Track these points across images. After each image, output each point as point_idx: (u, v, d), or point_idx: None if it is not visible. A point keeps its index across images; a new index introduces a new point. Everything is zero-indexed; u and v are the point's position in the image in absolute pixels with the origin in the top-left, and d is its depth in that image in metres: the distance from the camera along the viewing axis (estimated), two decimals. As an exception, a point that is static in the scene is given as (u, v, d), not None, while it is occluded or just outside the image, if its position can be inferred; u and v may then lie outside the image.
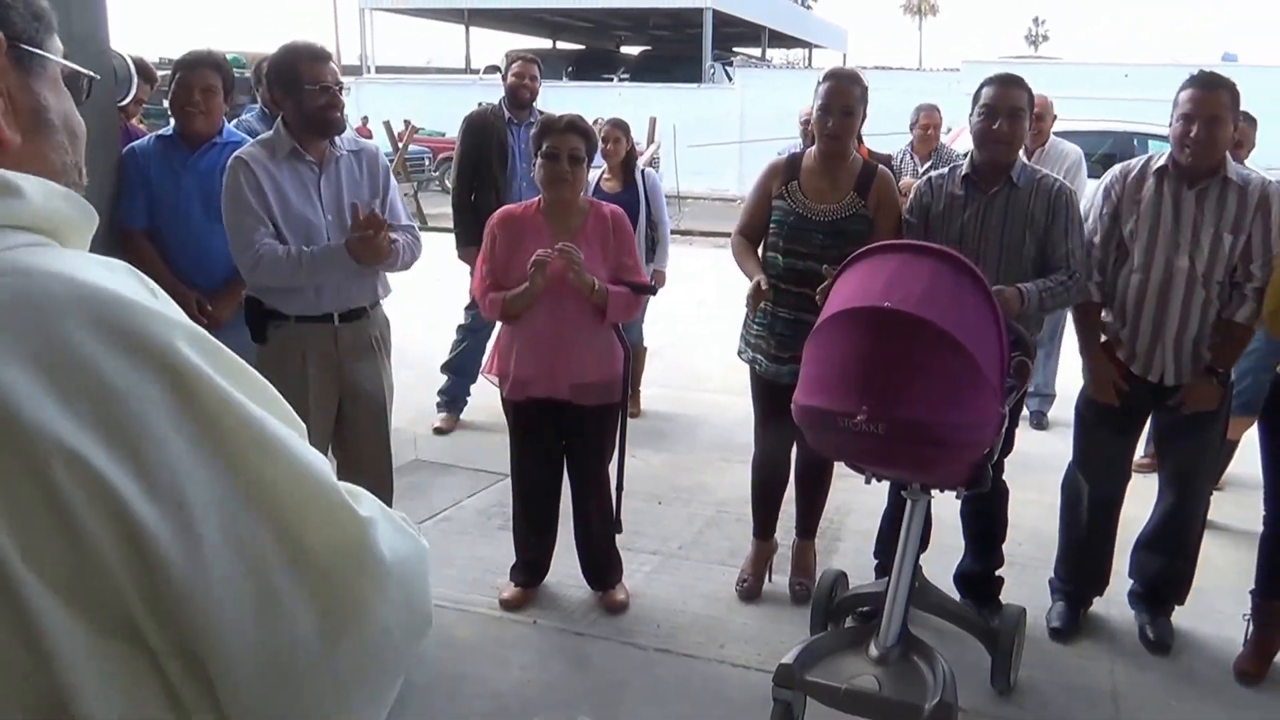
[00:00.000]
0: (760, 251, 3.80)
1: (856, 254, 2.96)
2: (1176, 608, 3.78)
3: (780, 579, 4.09)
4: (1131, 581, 3.86)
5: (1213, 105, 3.29)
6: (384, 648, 0.82)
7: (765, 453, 4.01)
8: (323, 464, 0.82)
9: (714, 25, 30.53)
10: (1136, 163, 3.59)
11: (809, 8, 55.53)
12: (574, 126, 3.48)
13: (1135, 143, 9.78)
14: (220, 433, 0.76)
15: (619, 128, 5.80)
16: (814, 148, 3.74)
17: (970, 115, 3.53)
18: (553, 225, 3.56)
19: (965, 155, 3.75)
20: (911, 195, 3.71)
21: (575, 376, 3.56)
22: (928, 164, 6.28)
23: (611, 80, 29.40)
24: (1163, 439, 3.82)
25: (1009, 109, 3.43)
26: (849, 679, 2.97)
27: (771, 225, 3.72)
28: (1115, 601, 3.89)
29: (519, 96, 5.68)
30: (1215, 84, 3.32)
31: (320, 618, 0.77)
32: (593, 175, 6.17)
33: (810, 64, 43.25)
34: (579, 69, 33.39)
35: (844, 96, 3.56)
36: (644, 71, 32.39)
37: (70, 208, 0.86)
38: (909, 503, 3.12)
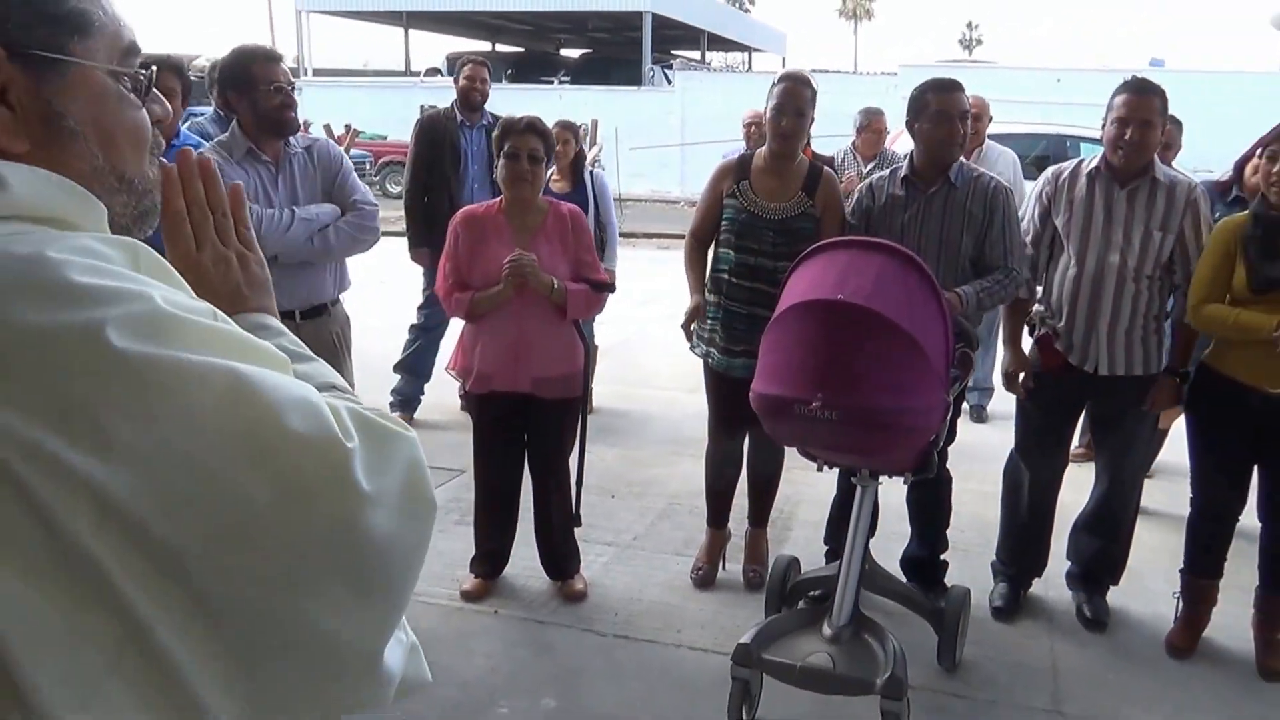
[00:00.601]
0: (713, 249, 3.92)
1: (810, 250, 3.09)
2: (1111, 587, 3.96)
3: (734, 567, 4.21)
4: (1069, 563, 4.04)
5: (1145, 110, 3.47)
6: (379, 556, 0.84)
7: (719, 444, 4.13)
8: (304, 399, 0.83)
9: (653, 28, 30.66)
10: (1068, 166, 3.77)
11: (747, 11, 55.96)
12: (533, 128, 3.58)
13: (1068, 145, 10.08)
14: (179, 398, 0.76)
15: (568, 129, 5.88)
16: (764, 148, 3.87)
17: (917, 120, 3.67)
18: (514, 224, 3.65)
19: (906, 156, 3.91)
20: (853, 198, 3.85)
21: (537, 371, 3.66)
22: (871, 165, 6.44)
23: (552, 83, 29.41)
24: (1099, 427, 4.00)
25: (962, 112, 3.60)
26: (804, 657, 3.09)
27: (724, 223, 3.84)
28: (1053, 582, 4.06)
29: (470, 99, 5.76)
30: (1147, 90, 3.50)
31: (309, 542, 0.80)
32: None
33: (750, 67, 43.57)
34: (519, 71, 33.34)
35: (797, 98, 3.69)
36: (584, 74, 32.40)
37: (68, 197, 0.87)
38: (859, 489, 3.25)
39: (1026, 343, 3.87)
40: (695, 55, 38.62)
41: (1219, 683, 3.52)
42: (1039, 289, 3.85)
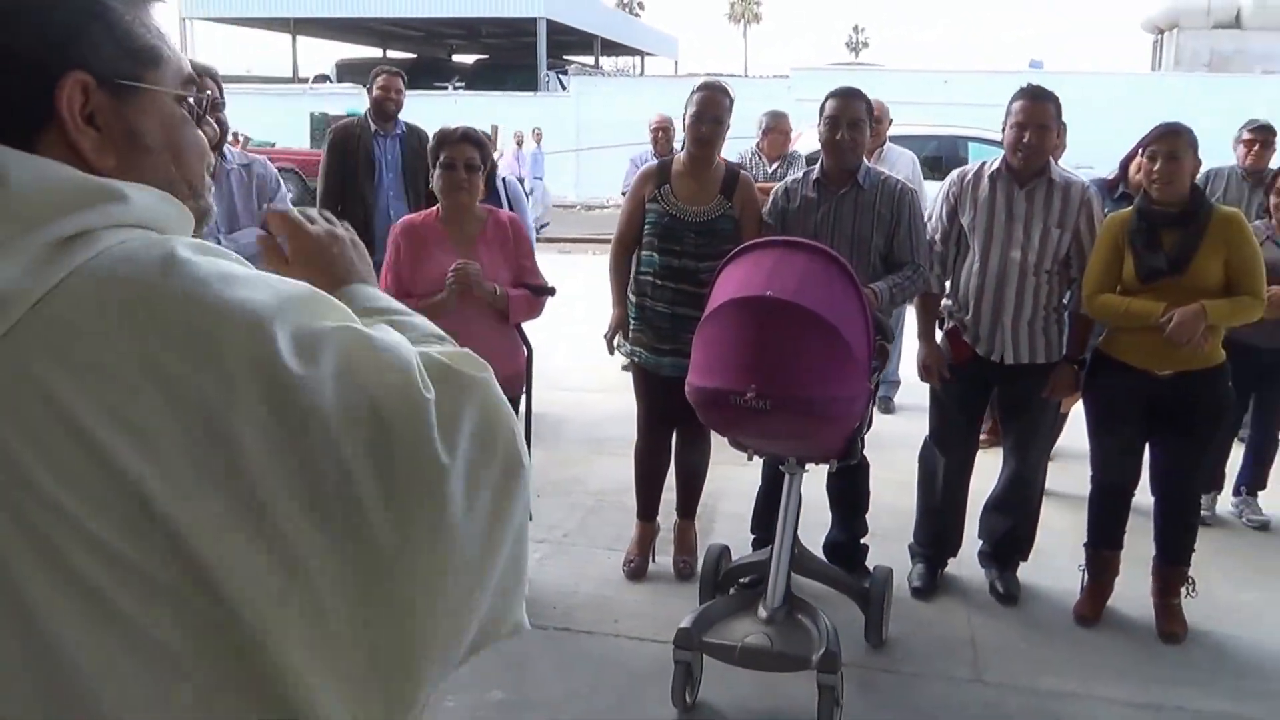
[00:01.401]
0: (636, 252, 4.05)
1: (738, 250, 3.24)
2: (1021, 564, 4.20)
3: (664, 559, 4.34)
4: (980, 542, 4.26)
5: (1041, 115, 3.71)
6: (453, 528, 0.91)
7: (648, 439, 4.26)
8: (401, 357, 0.94)
9: (547, 34, 30.75)
10: (971, 168, 4.00)
11: (637, 15, 56.27)
12: (468, 137, 3.67)
13: (959, 145, 10.46)
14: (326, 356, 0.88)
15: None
16: (683, 153, 4.02)
17: (818, 125, 3.87)
18: (453, 233, 3.72)
19: (810, 157, 4.09)
20: (769, 201, 4.03)
21: (481, 374, 3.73)
22: (775, 165, 6.63)
23: (446, 89, 29.30)
24: (1006, 413, 4.22)
25: (851, 119, 3.78)
26: (743, 638, 3.24)
27: (647, 227, 3.97)
28: (966, 561, 4.29)
29: (384, 109, 5.79)
30: (1043, 96, 3.74)
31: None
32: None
33: (643, 72, 43.94)
34: (412, 78, 33.04)
35: (715, 106, 3.85)
36: (479, 80, 32.37)
37: (173, 209, 0.99)
38: (787, 477, 3.41)
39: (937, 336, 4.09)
40: (589, 60, 38.81)
41: (1124, 648, 3.77)
42: (947, 284, 4.06)
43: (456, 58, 41.79)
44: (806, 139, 8.89)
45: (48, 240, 0.84)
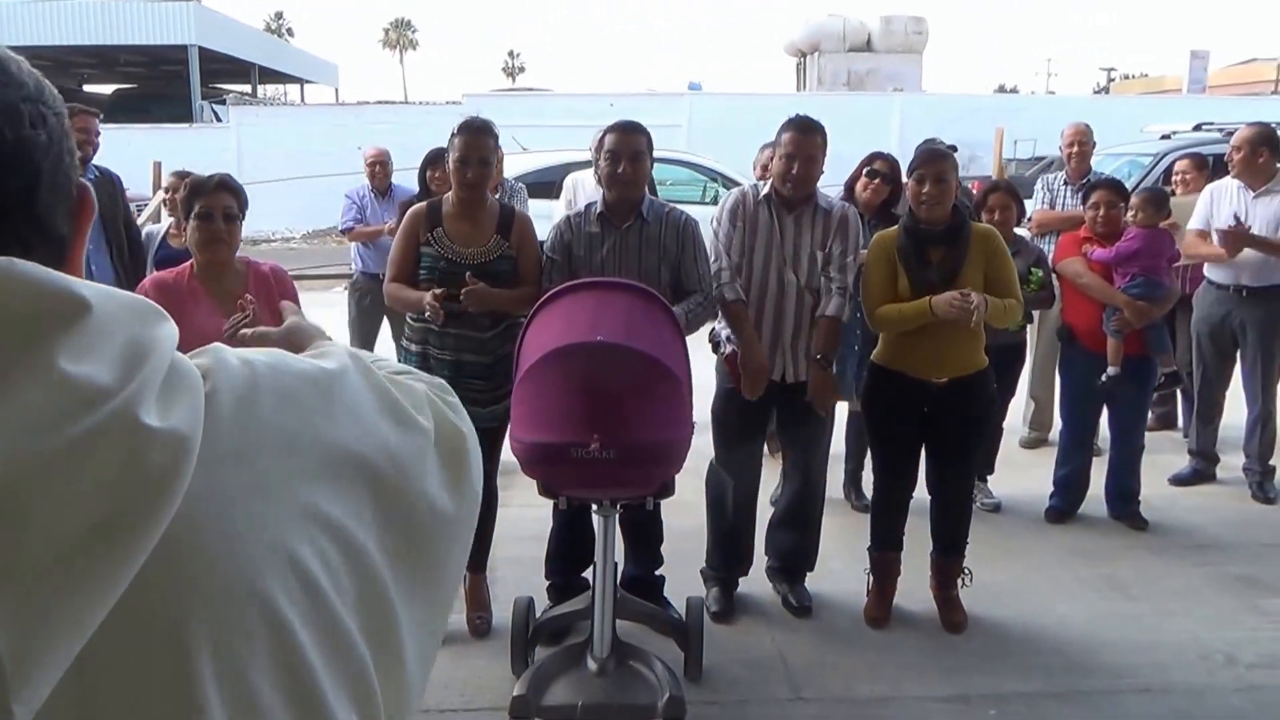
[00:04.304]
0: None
1: (548, 296, 3.13)
2: (808, 575, 4.31)
3: (455, 617, 4.12)
4: (768, 558, 4.35)
5: (809, 146, 3.84)
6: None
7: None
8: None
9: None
10: (745, 193, 4.06)
11: (286, 40, 54.25)
12: (225, 185, 3.34)
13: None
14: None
15: (184, 178, 5.47)
16: (450, 194, 3.86)
17: (596, 160, 3.84)
18: (211, 289, 3.36)
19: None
20: (551, 235, 3.94)
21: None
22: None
23: (83, 122, 26.97)
24: (786, 430, 4.33)
25: (631, 153, 3.76)
26: (579, 696, 3.12)
27: (422, 271, 3.78)
28: (756, 579, 4.35)
29: (82, 152, 5.21)
30: (810, 129, 3.87)
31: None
32: (159, 227, 5.80)
33: (303, 100, 42.33)
34: (40, 111, 30.24)
35: (481, 148, 3.73)
36: (120, 112, 30.03)
37: None
38: (601, 520, 3.32)
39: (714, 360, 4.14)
40: (245, 88, 37.02)
41: (917, 644, 3.96)
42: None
43: (89, 88, 38.67)
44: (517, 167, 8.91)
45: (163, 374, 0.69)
